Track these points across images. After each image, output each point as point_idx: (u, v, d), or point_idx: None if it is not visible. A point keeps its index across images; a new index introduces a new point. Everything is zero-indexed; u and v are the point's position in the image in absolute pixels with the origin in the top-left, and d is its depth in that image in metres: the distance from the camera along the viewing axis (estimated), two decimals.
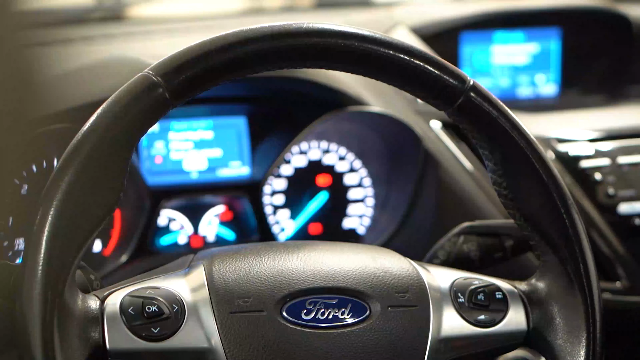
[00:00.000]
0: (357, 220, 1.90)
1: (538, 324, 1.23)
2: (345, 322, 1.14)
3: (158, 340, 1.09)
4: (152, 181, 1.70)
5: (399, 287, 1.18)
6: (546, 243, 1.23)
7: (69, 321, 1.05)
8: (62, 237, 1.02)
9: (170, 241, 1.75)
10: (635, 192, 1.78)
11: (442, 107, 1.18)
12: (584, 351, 1.19)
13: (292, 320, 1.13)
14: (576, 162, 1.80)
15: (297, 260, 1.18)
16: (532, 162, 1.19)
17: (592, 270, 1.20)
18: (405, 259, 1.23)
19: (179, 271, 1.18)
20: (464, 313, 1.21)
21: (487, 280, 1.25)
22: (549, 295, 1.24)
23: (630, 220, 1.77)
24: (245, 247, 1.21)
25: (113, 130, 1.05)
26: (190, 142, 1.75)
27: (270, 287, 1.14)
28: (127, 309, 1.09)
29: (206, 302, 1.12)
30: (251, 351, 1.10)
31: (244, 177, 1.78)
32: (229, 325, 1.11)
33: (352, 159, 1.88)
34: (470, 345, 1.21)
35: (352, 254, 1.21)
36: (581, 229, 1.20)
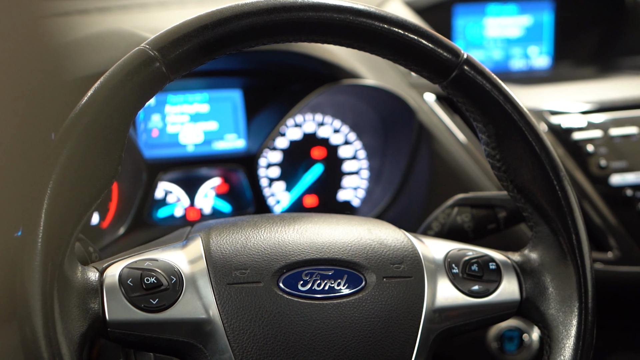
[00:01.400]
0: (351, 192, 1.91)
1: (531, 294, 1.25)
2: (341, 293, 1.16)
3: (157, 311, 1.11)
4: (149, 154, 1.71)
5: (394, 258, 1.20)
6: (539, 214, 1.24)
7: (69, 293, 1.06)
8: (61, 210, 1.03)
9: (167, 213, 1.75)
10: (626, 164, 1.79)
11: (436, 80, 1.19)
12: (576, 320, 1.21)
13: (288, 291, 1.14)
14: (568, 134, 1.81)
15: (294, 232, 1.19)
16: (525, 134, 1.20)
17: (584, 241, 1.22)
18: (400, 231, 1.25)
19: (177, 243, 1.19)
20: (458, 283, 1.23)
21: (481, 251, 1.27)
22: (541, 266, 1.25)
23: (621, 191, 1.78)
24: (242, 219, 1.22)
25: (111, 104, 1.06)
26: (186, 115, 1.75)
27: (267, 258, 1.15)
28: (125, 280, 1.11)
29: (204, 274, 1.13)
30: (248, 322, 1.12)
31: (239, 149, 1.78)
32: (226, 297, 1.12)
33: (346, 131, 1.89)
34: (464, 315, 1.23)
35: (347, 225, 1.22)
36: (573, 201, 1.22)
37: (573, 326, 1.21)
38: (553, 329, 1.23)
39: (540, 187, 1.22)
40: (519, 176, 1.23)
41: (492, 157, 1.24)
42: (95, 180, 1.07)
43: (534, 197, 1.23)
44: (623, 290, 1.79)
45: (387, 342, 1.16)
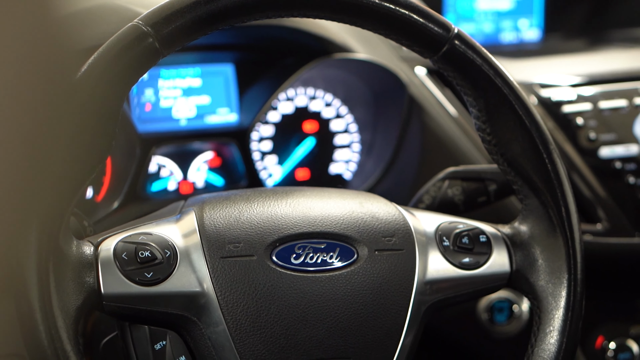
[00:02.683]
0: (343, 166, 1.92)
1: (521, 266, 1.26)
2: (334, 266, 1.17)
3: (151, 284, 1.12)
4: (143, 128, 1.71)
5: (386, 231, 1.21)
6: (529, 187, 1.25)
7: (64, 266, 1.07)
8: (56, 184, 1.04)
9: (161, 187, 1.76)
10: (615, 136, 1.80)
11: (426, 55, 1.20)
12: (566, 292, 1.22)
13: (281, 264, 1.15)
14: (558, 107, 1.82)
15: (286, 205, 1.20)
16: (515, 108, 1.21)
17: (574, 213, 1.23)
18: (391, 204, 1.26)
19: (171, 217, 1.20)
20: (449, 256, 1.24)
21: (471, 224, 1.28)
22: (531, 238, 1.27)
23: (610, 163, 1.79)
24: (235, 193, 1.23)
25: (104, 80, 1.06)
26: (179, 89, 1.75)
27: (260, 232, 1.16)
28: (120, 254, 1.12)
29: (197, 247, 1.14)
30: (242, 294, 1.13)
31: (231, 123, 1.79)
32: (220, 270, 1.13)
33: (338, 105, 1.89)
34: (455, 287, 1.24)
35: (339, 199, 1.24)
36: (563, 173, 1.23)
37: (562, 297, 1.23)
38: (542, 300, 1.24)
39: (530, 160, 1.23)
40: (509, 149, 1.24)
41: (483, 131, 1.25)
42: (89, 154, 1.08)
43: (523, 170, 1.24)
44: (612, 261, 1.80)
45: (379, 314, 1.17)
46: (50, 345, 1.02)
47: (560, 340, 1.21)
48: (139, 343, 1.19)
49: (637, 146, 1.80)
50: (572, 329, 1.22)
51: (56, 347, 1.02)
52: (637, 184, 1.77)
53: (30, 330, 1.02)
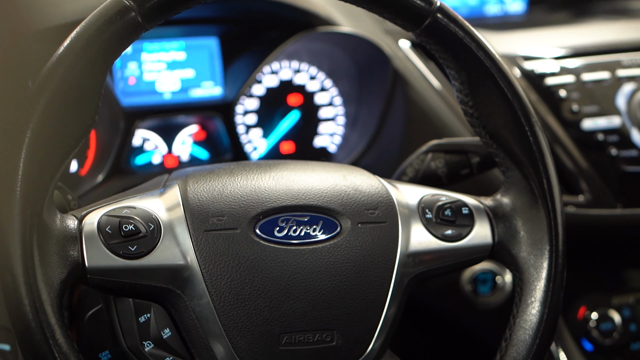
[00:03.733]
0: (328, 139, 1.92)
1: (503, 237, 1.27)
2: (317, 239, 1.18)
3: (135, 257, 1.12)
4: (126, 102, 1.71)
5: (369, 204, 1.21)
6: (511, 159, 1.26)
7: (48, 240, 1.07)
8: (40, 158, 1.04)
9: (145, 161, 1.76)
10: (598, 108, 1.81)
11: (409, 28, 1.20)
12: (547, 263, 1.23)
13: (265, 237, 1.16)
14: (541, 80, 1.82)
15: (270, 179, 1.20)
16: (497, 81, 1.21)
17: (555, 186, 1.24)
18: (374, 177, 1.26)
19: (154, 191, 1.20)
20: (432, 228, 1.25)
21: (454, 196, 1.29)
22: (513, 210, 1.27)
23: (593, 135, 1.80)
24: (219, 167, 1.23)
25: (87, 54, 1.06)
26: (162, 63, 1.75)
27: (244, 205, 1.16)
28: (104, 227, 1.12)
29: (181, 221, 1.15)
30: (225, 267, 1.14)
31: (216, 97, 1.79)
32: (203, 243, 1.14)
33: (322, 78, 1.90)
34: (437, 259, 1.25)
35: (323, 172, 1.24)
36: (544, 146, 1.23)
37: (544, 268, 1.24)
38: (524, 271, 1.25)
39: (512, 133, 1.24)
40: (491, 122, 1.24)
41: (465, 104, 1.25)
42: (73, 128, 1.08)
43: (505, 143, 1.25)
44: (594, 232, 1.81)
45: (362, 286, 1.18)
46: (34, 318, 1.02)
47: (542, 310, 1.22)
48: (124, 316, 1.19)
49: (619, 118, 1.81)
50: (553, 300, 1.23)
51: (41, 320, 1.03)
52: (619, 156, 1.78)
53: (15, 303, 1.02)
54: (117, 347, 1.20)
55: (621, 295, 1.92)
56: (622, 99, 1.81)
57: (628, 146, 1.80)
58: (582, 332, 1.89)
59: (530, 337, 1.22)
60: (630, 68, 1.85)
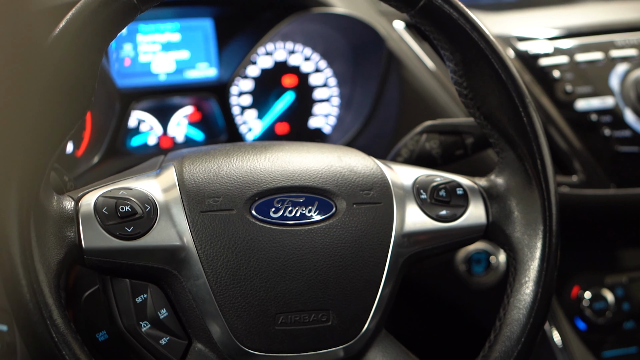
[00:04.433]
0: (322, 120, 1.92)
1: (497, 218, 1.28)
2: (312, 220, 1.18)
3: (132, 238, 1.13)
4: (122, 83, 1.71)
5: (364, 185, 1.22)
6: (505, 140, 1.26)
7: (45, 221, 1.08)
8: (36, 140, 1.04)
9: (141, 142, 1.76)
10: (592, 89, 1.81)
11: (403, 9, 1.20)
12: (541, 243, 1.24)
13: (260, 218, 1.16)
14: (535, 60, 1.82)
15: (265, 160, 1.21)
16: (492, 62, 1.22)
17: (549, 166, 1.24)
18: (369, 158, 1.27)
19: (150, 172, 1.21)
20: (426, 209, 1.26)
21: (448, 177, 1.29)
22: (507, 190, 1.28)
23: (586, 116, 1.80)
24: (215, 148, 1.24)
25: (82, 36, 1.07)
26: (157, 44, 1.75)
27: (240, 186, 1.17)
28: (101, 209, 1.13)
29: (177, 202, 1.15)
30: (221, 248, 1.14)
31: (211, 78, 1.79)
32: (200, 224, 1.14)
33: (317, 59, 1.90)
34: (432, 239, 1.26)
35: (318, 153, 1.25)
36: (538, 127, 1.24)
37: (537, 248, 1.24)
38: (518, 251, 1.26)
39: (507, 113, 1.24)
40: (486, 103, 1.25)
41: (460, 85, 1.25)
42: (69, 110, 1.08)
43: (500, 124, 1.25)
44: (587, 212, 1.82)
45: (358, 266, 1.19)
46: (32, 299, 1.03)
47: (536, 290, 1.23)
48: (120, 296, 1.20)
49: (612, 98, 1.81)
50: (547, 280, 1.23)
51: (38, 301, 1.03)
52: (612, 136, 1.79)
53: (12, 284, 1.03)
54: (114, 327, 1.21)
55: (614, 275, 1.93)
56: (616, 79, 1.82)
57: (621, 126, 1.80)
58: (576, 311, 1.90)
59: (524, 316, 1.23)
60: (624, 48, 1.85)
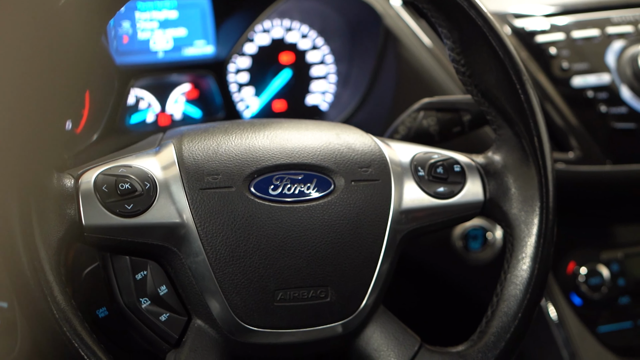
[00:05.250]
0: (320, 97, 1.93)
1: (494, 194, 1.29)
2: (311, 197, 1.19)
3: (132, 216, 1.13)
4: (120, 60, 1.71)
5: (362, 162, 1.23)
6: (502, 117, 1.27)
7: (45, 199, 1.08)
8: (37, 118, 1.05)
9: (139, 119, 1.77)
10: (588, 66, 1.81)
11: None
12: (538, 219, 1.25)
13: (259, 195, 1.17)
14: (532, 37, 1.83)
15: (264, 137, 1.21)
16: (489, 39, 1.22)
17: (546, 143, 1.25)
18: (367, 135, 1.27)
19: (150, 150, 1.21)
20: (424, 185, 1.26)
21: (446, 154, 1.30)
22: (504, 167, 1.29)
23: (583, 92, 1.80)
24: (213, 126, 1.24)
25: (82, 13, 1.07)
26: (155, 21, 1.75)
27: (239, 164, 1.18)
28: (100, 186, 1.13)
29: (177, 179, 1.16)
30: (221, 225, 1.15)
31: (208, 55, 1.79)
32: (199, 201, 1.15)
33: (314, 36, 1.90)
34: (430, 216, 1.26)
35: (316, 131, 1.25)
36: (535, 104, 1.24)
37: (534, 225, 1.25)
38: (515, 227, 1.27)
39: (504, 91, 1.25)
40: (483, 81, 1.26)
41: (457, 62, 1.26)
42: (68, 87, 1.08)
43: (497, 101, 1.26)
44: (584, 188, 1.82)
45: (356, 243, 1.20)
46: (33, 275, 1.04)
47: (532, 266, 1.24)
48: (121, 273, 1.20)
49: (608, 75, 1.81)
50: (543, 255, 1.24)
51: (39, 278, 1.04)
52: (608, 113, 1.79)
53: (13, 261, 1.04)
54: (114, 304, 1.21)
55: (610, 251, 1.94)
56: (612, 56, 1.82)
57: (617, 103, 1.81)
58: (571, 286, 1.91)
59: (521, 292, 1.24)
60: (620, 25, 1.86)
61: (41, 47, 1.04)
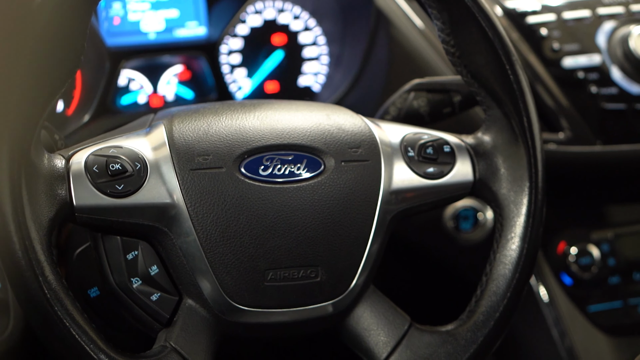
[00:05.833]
0: (312, 78, 1.93)
1: (484, 174, 1.29)
2: (301, 177, 1.19)
3: (122, 196, 1.14)
4: (111, 42, 1.71)
5: (352, 142, 1.23)
6: (492, 98, 1.27)
7: (36, 179, 1.09)
8: (27, 98, 1.05)
9: (131, 100, 1.77)
10: (579, 46, 1.81)
11: None
12: (527, 199, 1.26)
13: (250, 176, 1.17)
14: (523, 18, 1.82)
15: (254, 118, 1.22)
16: (479, 21, 1.22)
17: (535, 123, 1.25)
18: (357, 116, 1.28)
19: (140, 130, 1.22)
20: (414, 166, 1.27)
21: (436, 135, 1.30)
22: (494, 148, 1.29)
23: (573, 73, 1.80)
24: (204, 106, 1.24)
25: None
26: (147, 3, 1.75)
27: (229, 144, 1.18)
28: (91, 167, 1.13)
29: (167, 160, 1.16)
30: (211, 205, 1.15)
31: (200, 37, 1.79)
32: (189, 182, 1.15)
33: (306, 17, 1.90)
34: (420, 196, 1.27)
35: (307, 111, 1.25)
36: (525, 84, 1.25)
37: (523, 205, 1.26)
38: (505, 207, 1.27)
39: (493, 72, 1.25)
40: (473, 62, 1.26)
41: (447, 43, 1.26)
42: (59, 69, 1.09)
43: (487, 82, 1.26)
44: (574, 169, 1.82)
45: (346, 223, 1.20)
46: (24, 256, 1.04)
47: (522, 246, 1.25)
48: (112, 253, 1.21)
49: (599, 56, 1.82)
50: (533, 235, 1.25)
51: (30, 258, 1.04)
52: (599, 94, 1.79)
53: (4, 241, 1.04)
54: (106, 284, 1.22)
55: (600, 231, 1.95)
56: (603, 37, 1.82)
57: (608, 84, 1.81)
58: (562, 266, 1.92)
59: (510, 271, 1.24)
60: (611, 6, 1.86)
61: (31, 26, 1.04)
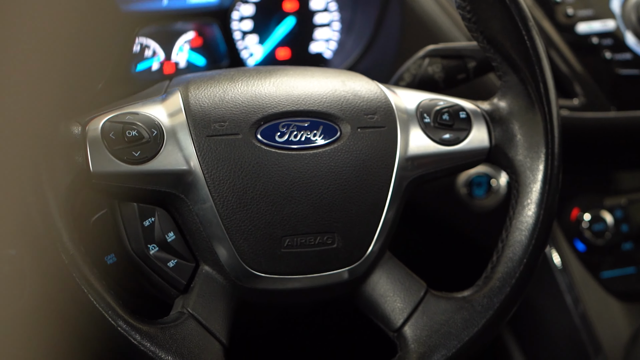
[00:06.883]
0: (324, 45, 1.92)
1: (500, 141, 1.29)
2: (317, 144, 1.20)
3: (139, 163, 1.14)
4: (126, 8, 1.71)
5: (368, 109, 1.23)
6: (507, 64, 1.27)
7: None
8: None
9: (144, 67, 1.76)
10: (593, 12, 1.81)
11: None
12: (543, 165, 1.26)
13: (266, 142, 1.18)
14: None
15: (270, 84, 1.22)
16: None
17: (552, 89, 1.25)
18: (373, 82, 1.28)
19: (156, 97, 1.22)
20: (430, 132, 1.27)
21: (451, 101, 1.30)
22: (510, 114, 1.29)
23: (587, 39, 1.80)
24: (220, 73, 1.24)
25: None
26: None
27: (245, 111, 1.18)
28: (108, 133, 1.14)
29: (184, 126, 1.16)
30: (227, 172, 1.16)
31: (212, 3, 1.79)
32: (206, 148, 1.16)
33: None
34: (435, 163, 1.27)
35: (322, 78, 1.25)
36: (541, 50, 1.24)
37: (540, 171, 1.26)
38: (521, 174, 1.27)
39: (509, 37, 1.25)
40: (489, 27, 1.25)
41: (463, 9, 1.26)
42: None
43: (503, 48, 1.26)
44: (588, 135, 1.83)
45: (362, 190, 1.20)
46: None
47: (538, 212, 1.25)
48: (128, 220, 1.21)
49: (613, 21, 1.81)
50: (549, 202, 1.25)
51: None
52: (613, 59, 1.79)
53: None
54: (122, 251, 1.23)
55: (613, 197, 1.95)
56: (617, 2, 1.82)
57: (622, 49, 1.80)
58: (575, 232, 1.92)
59: (526, 237, 1.24)
60: None
61: None
